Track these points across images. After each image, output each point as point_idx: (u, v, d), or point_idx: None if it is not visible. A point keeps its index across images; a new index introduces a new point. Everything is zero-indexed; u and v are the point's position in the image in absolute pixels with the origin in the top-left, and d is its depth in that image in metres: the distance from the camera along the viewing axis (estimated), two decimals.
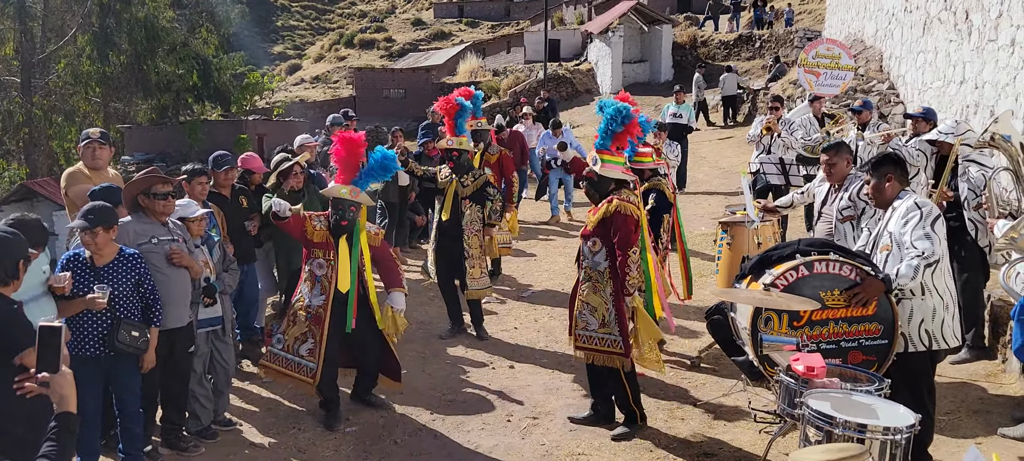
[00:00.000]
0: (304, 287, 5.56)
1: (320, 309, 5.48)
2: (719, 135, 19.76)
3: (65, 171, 5.90)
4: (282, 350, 5.54)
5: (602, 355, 5.26)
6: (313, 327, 5.47)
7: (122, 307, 4.46)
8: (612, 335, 5.20)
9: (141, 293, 4.57)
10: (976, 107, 9.04)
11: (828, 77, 10.09)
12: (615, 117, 5.22)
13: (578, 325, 5.36)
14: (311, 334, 5.46)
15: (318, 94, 46.49)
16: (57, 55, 26.86)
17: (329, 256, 5.51)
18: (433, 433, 5.55)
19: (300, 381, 5.53)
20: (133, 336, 4.42)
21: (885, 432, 3.23)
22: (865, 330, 4.41)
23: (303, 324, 5.49)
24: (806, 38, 24.32)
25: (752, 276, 4.75)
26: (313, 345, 5.45)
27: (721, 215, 8.35)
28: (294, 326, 5.52)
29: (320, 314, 5.47)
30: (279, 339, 5.56)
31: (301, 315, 5.51)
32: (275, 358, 5.58)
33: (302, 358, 5.47)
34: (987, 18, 8.81)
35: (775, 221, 6.58)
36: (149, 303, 4.61)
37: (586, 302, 5.31)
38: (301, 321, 5.50)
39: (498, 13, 59.29)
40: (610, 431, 5.42)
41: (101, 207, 4.41)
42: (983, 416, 5.36)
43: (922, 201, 4.40)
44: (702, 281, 8.85)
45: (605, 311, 5.22)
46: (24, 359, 3.16)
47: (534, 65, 34.01)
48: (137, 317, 4.54)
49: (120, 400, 4.64)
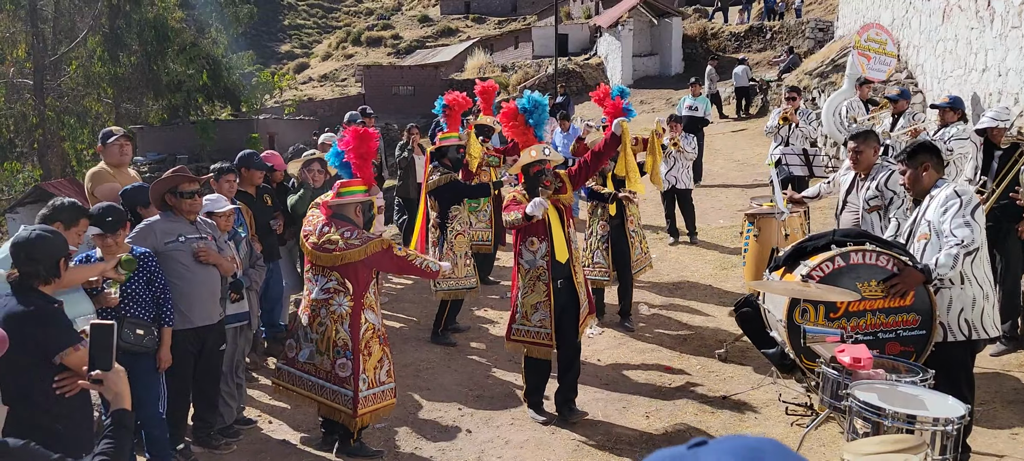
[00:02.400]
0: (370, 315, 5.00)
1: (383, 325, 5.26)
2: (732, 127, 19.65)
3: (89, 171, 5.91)
4: (369, 389, 4.97)
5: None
6: (385, 348, 5.12)
7: (129, 305, 4.44)
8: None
9: (152, 292, 4.54)
10: (999, 95, 8.95)
11: (877, 62, 9.99)
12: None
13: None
14: (386, 356, 5.12)
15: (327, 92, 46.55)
16: (68, 57, 26.92)
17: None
18: (463, 429, 5.53)
19: (388, 407, 5.14)
20: (138, 334, 4.38)
21: (935, 423, 3.18)
22: (903, 321, 4.36)
23: (378, 351, 5.05)
24: (818, 29, 24.18)
25: (786, 268, 4.71)
26: (389, 365, 5.13)
27: (742, 207, 8.30)
28: (370, 357, 5.00)
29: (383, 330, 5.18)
30: (364, 379, 4.93)
31: (375, 344, 5.02)
32: (367, 400, 4.94)
33: (384, 383, 5.08)
34: (1010, 5, 8.72)
35: (802, 212, 6.53)
36: (161, 302, 4.58)
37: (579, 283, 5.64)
38: (376, 349, 5.03)
39: (505, 8, 59.24)
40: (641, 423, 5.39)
41: (112, 208, 4.38)
42: (1019, 407, 5.30)
43: (962, 189, 4.33)
44: (724, 274, 8.82)
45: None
46: (64, 358, 3.17)
47: (542, 60, 33.93)
48: (148, 316, 4.52)
49: (138, 403, 4.59)
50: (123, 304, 4.41)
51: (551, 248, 5.33)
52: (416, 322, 7.91)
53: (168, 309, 4.62)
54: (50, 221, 4.03)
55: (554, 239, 5.33)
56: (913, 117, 8.39)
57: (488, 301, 8.27)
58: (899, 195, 5.41)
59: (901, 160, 4.52)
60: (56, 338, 3.18)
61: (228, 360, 5.41)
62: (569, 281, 5.43)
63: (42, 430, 3.12)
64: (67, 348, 3.17)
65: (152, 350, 4.51)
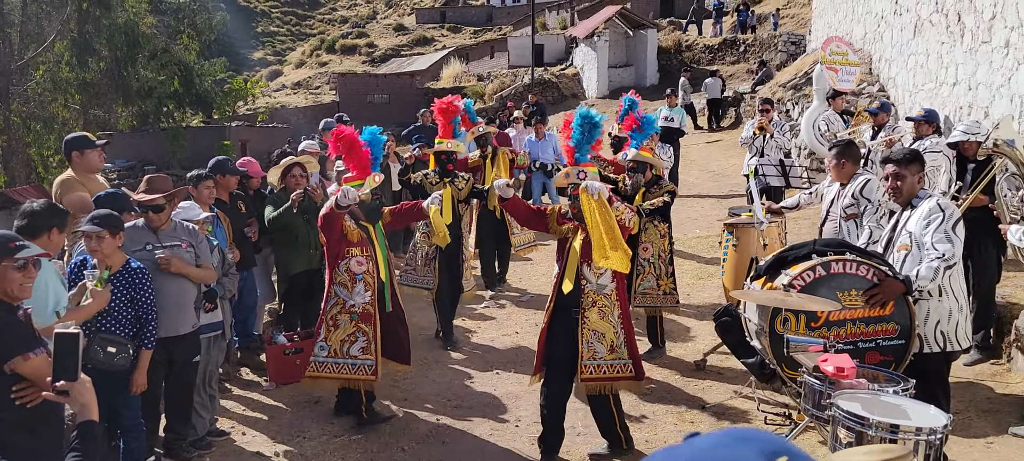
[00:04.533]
0: (339, 290, 5.39)
1: (367, 306, 5.40)
2: (706, 139, 19.81)
3: (57, 178, 5.75)
4: (329, 357, 5.39)
5: (611, 383, 4.92)
6: (362, 325, 5.39)
7: (105, 320, 4.30)
8: (622, 359, 4.91)
9: (136, 311, 4.40)
10: (970, 109, 9.09)
11: (844, 73, 10.14)
12: (585, 125, 4.96)
13: (585, 355, 4.86)
14: (361, 332, 5.38)
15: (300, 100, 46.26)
16: (35, 62, 26.44)
17: (366, 251, 5.44)
18: (441, 439, 5.47)
19: (360, 381, 5.42)
20: (108, 351, 4.20)
21: (918, 432, 3.19)
22: (882, 331, 4.38)
23: (348, 326, 5.37)
24: (790, 42, 24.49)
25: (767, 277, 4.72)
26: (366, 343, 5.38)
27: (720, 217, 8.34)
28: (336, 330, 5.38)
29: (368, 311, 5.40)
30: (322, 346, 5.39)
31: (343, 318, 5.38)
32: (323, 366, 5.40)
33: (356, 357, 5.37)
34: (980, 20, 8.87)
35: (780, 222, 6.56)
36: (144, 321, 4.43)
37: (594, 330, 4.87)
38: (345, 323, 5.38)
39: (480, 18, 59.39)
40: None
41: (107, 213, 4.29)
42: (993, 416, 5.35)
43: (945, 203, 4.36)
44: (701, 284, 8.85)
45: (614, 336, 4.89)
46: (14, 367, 3.03)
47: (518, 70, 34.02)
48: (126, 333, 4.37)
49: (116, 414, 4.48)
50: (98, 318, 4.25)
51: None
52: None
53: (150, 330, 4.46)
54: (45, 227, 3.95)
55: (567, 271, 4.90)
56: (892, 130, 8.49)
57: (465, 310, 8.21)
58: (873, 203, 5.47)
59: (896, 162, 4.47)
60: (6, 347, 3.04)
61: (201, 371, 5.29)
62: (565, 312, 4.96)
63: (4, 442, 3.01)
64: (15, 357, 3.03)
65: (123, 369, 4.33)
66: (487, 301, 8.61)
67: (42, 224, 3.97)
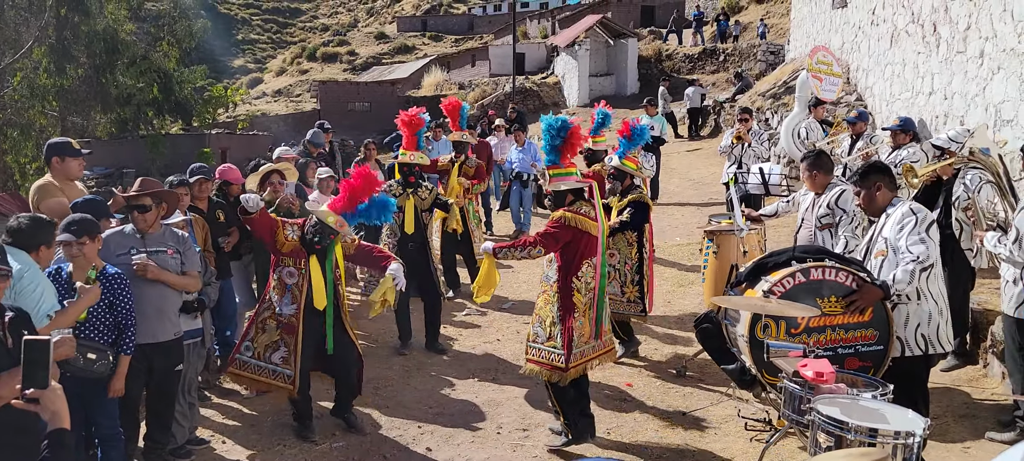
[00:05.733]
0: (272, 295, 5.45)
1: (292, 318, 5.38)
2: (687, 147, 19.93)
3: (35, 184, 5.66)
4: (252, 358, 5.44)
5: (543, 368, 5.17)
6: (285, 336, 5.39)
7: (85, 328, 4.25)
8: (557, 349, 5.11)
9: (115, 317, 4.35)
10: (945, 118, 9.22)
11: (828, 83, 10.24)
12: (553, 131, 5.19)
13: (529, 336, 5.31)
14: (284, 342, 5.39)
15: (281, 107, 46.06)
16: (12, 68, 26.14)
17: (300, 265, 5.39)
18: (423, 447, 5.45)
19: (277, 387, 5.43)
20: (88, 358, 4.13)
21: (896, 436, 3.22)
22: (861, 336, 4.43)
23: (274, 332, 5.41)
24: (769, 52, 24.71)
25: (747, 284, 4.75)
26: (286, 354, 5.37)
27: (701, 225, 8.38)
28: (263, 333, 5.44)
29: (292, 323, 5.38)
30: (247, 346, 5.47)
31: (271, 323, 5.43)
32: (245, 366, 5.48)
33: (276, 365, 5.38)
34: (955, 30, 9.00)
35: (760, 230, 6.61)
36: (123, 327, 4.39)
37: (537, 314, 5.28)
38: (271, 329, 5.42)
39: (461, 27, 59.49)
40: (601, 439, 5.37)
41: (82, 218, 4.24)
42: (970, 421, 5.41)
43: (917, 207, 4.44)
44: (682, 291, 8.89)
45: (551, 323, 5.15)
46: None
47: (499, 78, 34.07)
48: (105, 339, 4.33)
49: (95, 423, 4.44)
50: (77, 326, 4.18)
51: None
52: (373, 340, 7.80)
53: (128, 336, 4.42)
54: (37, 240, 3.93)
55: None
56: (871, 140, 8.58)
57: (446, 318, 8.19)
58: (849, 213, 5.53)
59: (854, 181, 4.62)
60: None
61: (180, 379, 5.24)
62: None
63: None
64: None
65: (103, 376, 4.29)
66: (469, 309, 8.60)
67: (30, 242, 3.94)
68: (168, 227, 4.94)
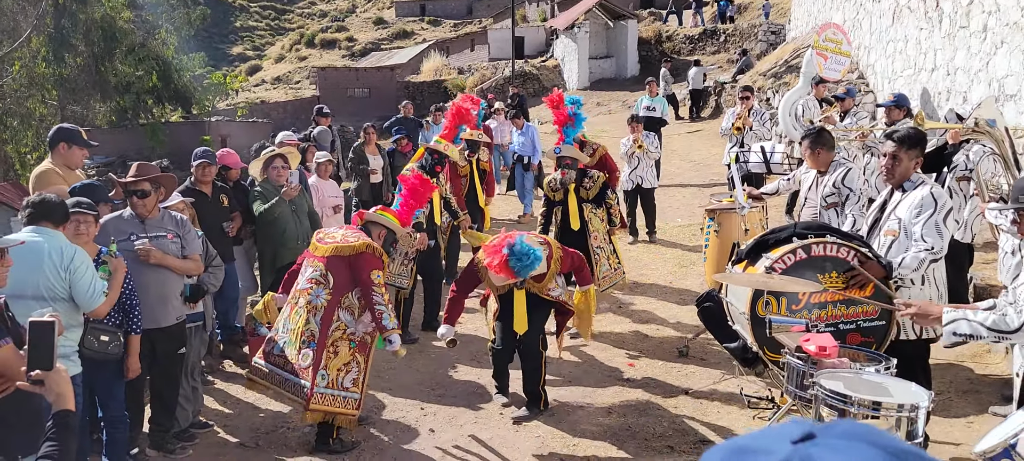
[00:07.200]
0: (344, 314, 4.98)
1: (367, 335, 5.08)
2: (688, 128, 19.85)
3: (35, 171, 5.65)
4: (328, 388, 4.89)
5: None
6: (358, 355, 5.02)
7: None
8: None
9: (120, 299, 4.39)
10: (948, 94, 9.17)
11: (833, 61, 10.17)
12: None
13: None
14: (355, 363, 5.01)
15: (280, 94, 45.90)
16: (11, 57, 26.03)
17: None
18: (426, 428, 5.45)
19: (347, 416, 4.99)
20: (102, 341, 4.28)
21: (900, 409, 3.21)
22: (863, 312, 4.41)
23: (346, 354, 4.97)
24: (771, 31, 24.57)
25: (749, 261, 4.73)
26: (357, 374, 5.01)
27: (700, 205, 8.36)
28: (336, 357, 4.94)
29: (366, 340, 5.08)
30: (322, 375, 4.88)
31: (343, 346, 4.97)
32: (323, 398, 4.87)
33: (347, 390, 4.95)
34: (958, 5, 8.93)
35: (762, 208, 6.58)
36: (128, 308, 4.44)
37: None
38: (344, 351, 4.97)
39: (460, 11, 59.13)
40: (604, 420, 5.37)
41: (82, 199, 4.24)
42: (973, 396, 5.41)
43: (938, 192, 4.31)
44: (683, 271, 8.88)
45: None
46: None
47: (499, 62, 33.91)
48: (113, 322, 4.38)
49: (103, 406, 4.50)
50: None
51: None
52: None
53: (135, 316, 4.47)
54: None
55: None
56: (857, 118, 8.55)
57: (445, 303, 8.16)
58: (855, 192, 5.48)
59: (898, 141, 4.43)
60: None
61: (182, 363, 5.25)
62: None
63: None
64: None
65: (116, 357, 4.39)
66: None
67: (58, 215, 3.96)
68: (166, 211, 4.94)
